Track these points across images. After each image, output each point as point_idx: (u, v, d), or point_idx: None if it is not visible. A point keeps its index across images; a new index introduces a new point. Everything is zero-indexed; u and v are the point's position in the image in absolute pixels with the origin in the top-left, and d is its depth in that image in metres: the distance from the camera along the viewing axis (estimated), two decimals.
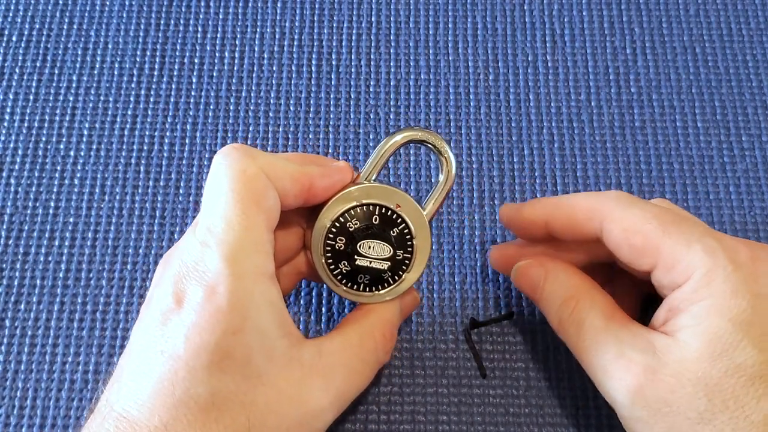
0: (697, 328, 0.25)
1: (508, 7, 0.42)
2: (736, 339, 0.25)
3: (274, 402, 0.25)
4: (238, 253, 0.25)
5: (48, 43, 0.41)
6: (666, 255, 0.27)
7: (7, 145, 0.38)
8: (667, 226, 0.27)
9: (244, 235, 0.25)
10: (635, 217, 0.27)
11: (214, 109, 0.39)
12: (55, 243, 0.36)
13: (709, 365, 0.25)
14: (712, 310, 0.25)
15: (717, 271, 0.26)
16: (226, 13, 0.42)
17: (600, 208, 0.29)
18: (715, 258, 0.26)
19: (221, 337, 0.24)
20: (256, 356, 0.25)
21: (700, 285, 0.26)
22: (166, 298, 0.25)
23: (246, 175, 0.26)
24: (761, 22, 0.42)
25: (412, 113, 0.39)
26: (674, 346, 0.26)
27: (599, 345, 0.27)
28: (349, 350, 0.28)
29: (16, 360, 0.34)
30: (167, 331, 0.25)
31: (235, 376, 0.25)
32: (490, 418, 0.33)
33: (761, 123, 0.39)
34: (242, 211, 0.26)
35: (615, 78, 0.40)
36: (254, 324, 0.25)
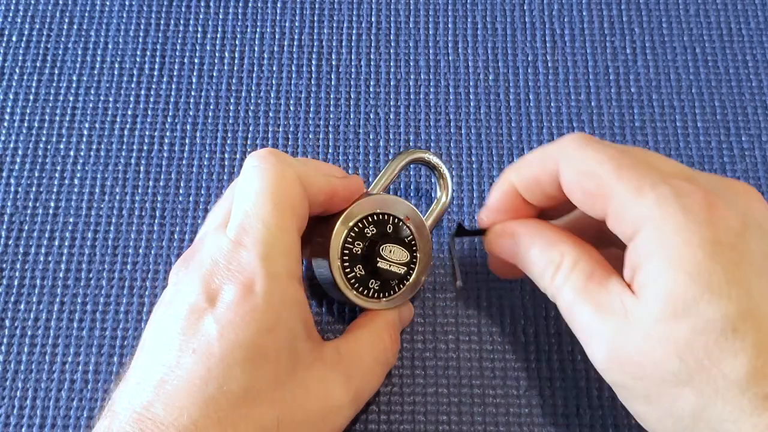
0: (654, 287, 0.24)
1: (508, 7, 0.42)
2: (698, 292, 0.23)
3: (302, 398, 0.26)
4: (274, 254, 0.26)
5: (48, 43, 0.41)
6: (617, 203, 0.25)
7: (7, 145, 0.38)
8: (621, 170, 0.25)
9: (279, 236, 0.26)
10: (590, 160, 0.26)
11: (214, 109, 0.39)
12: (55, 243, 0.36)
13: (676, 324, 0.23)
14: (666, 265, 0.23)
15: (667, 222, 0.24)
16: (226, 13, 0.42)
17: (555, 153, 0.27)
18: (665, 207, 0.24)
19: (256, 335, 0.25)
20: (286, 355, 0.26)
21: (650, 238, 0.24)
22: (196, 296, 0.26)
23: (285, 180, 0.27)
24: (761, 22, 0.42)
25: (412, 113, 0.39)
26: (640, 306, 0.24)
27: (579, 308, 0.26)
28: (363, 350, 0.30)
29: (16, 360, 0.34)
30: (200, 329, 0.25)
31: (267, 373, 0.25)
32: (490, 418, 0.33)
33: (761, 123, 0.39)
34: (279, 215, 0.27)
35: (615, 78, 0.40)
36: (286, 324, 0.26)
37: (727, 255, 0.23)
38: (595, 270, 0.26)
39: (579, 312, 0.26)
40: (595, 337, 0.25)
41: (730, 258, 0.23)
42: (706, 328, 0.23)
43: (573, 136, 0.27)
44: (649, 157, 0.27)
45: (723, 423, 0.23)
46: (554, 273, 0.27)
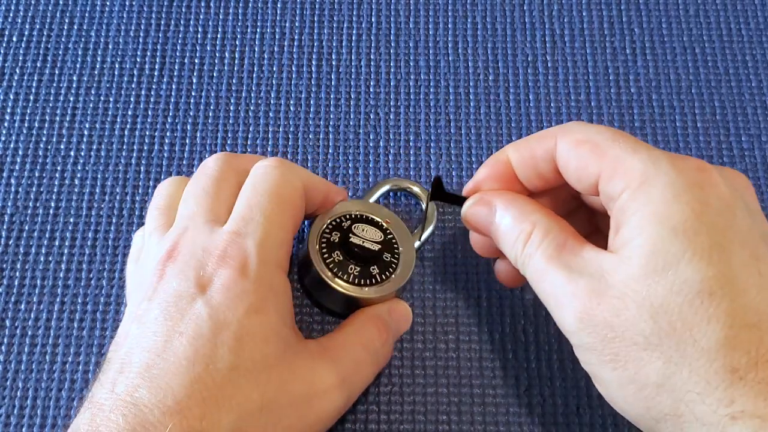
0: (637, 240, 0.23)
1: (508, 8, 0.42)
2: (680, 250, 0.22)
3: (287, 381, 0.26)
4: (268, 243, 0.28)
5: (48, 44, 0.41)
6: (610, 160, 0.25)
7: (8, 146, 0.38)
8: (618, 137, 0.25)
9: (276, 230, 0.28)
10: (589, 131, 0.26)
11: (214, 110, 0.39)
12: (55, 243, 0.36)
13: (653, 282, 0.22)
14: (652, 218, 0.23)
15: (658, 176, 0.23)
16: (227, 14, 0.42)
17: (555, 130, 0.27)
18: (659, 164, 0.24)
19: (244, 316, 0.26)
20: (273, 338, 0.26)
21: (640, 192, 0.24)
22: (186, 285, 0.26)
23: (291, 186, 0.30)
24: (761, 23, 0.42)
25: (412, 113, 0.39)
26: (619, 264, 0.23)
27: (550, 274, 0.25)
28: (350, 340, 0.30)
29: (16, 360, 0.34)
30: (188, 313, 0.26)
31: (254, 354, 0.25)
32: (490, 417, 0.33)
33: (761, 123, 0.39)
34: (279, 212, 0.29)
35: (615, 78, 0.40)
36: (274, 308, 0.27)
37: (714, 218, 0.23)
38: (568, 239, 0.26)
39: (550, 277, 0.25)
40: (567, 299, 0.25)
41: (716, 222, 0.23)
42: (683, 289, 0.22)
43: (571, 122, 0.28)
44: None
45: (687, 393, 0.22)
46: (525, 241, 0.27)
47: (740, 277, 0.22)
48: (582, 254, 0.25)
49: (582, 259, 0.25)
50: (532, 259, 0.26)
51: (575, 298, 0.24)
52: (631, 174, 0.24)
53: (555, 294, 0.25)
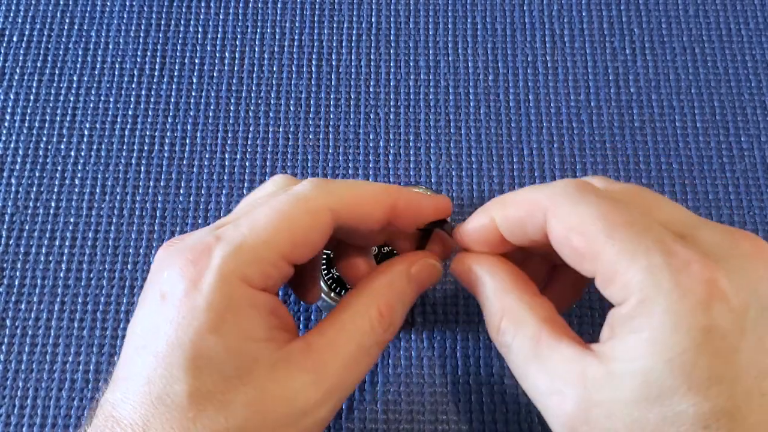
0: (632, 365, 0.22)
1: (507, 8, 0.42)
2: (675, 384, 0.21)
3: (257, 401, 0.24)
4: (238, 257, 0.25)
5: (49, 44, 0.41)
6: (606, 265, 0.23)
7: (8, 146, 0.39)
8: (613, 230, 0.23)
9: (258, 246, 0.25)
10: (581, 216, 0.24)
11: (214, 110, 0.40)
12: (55, 243, 0.36)
13: (646, 409, 0.22)
14: (649, 348, 0.22)
15: (658, 299, 0.22)
16: (227, 14, 0.42)
17: (545, 202, 0.25)
18: (658, 281, 0.22)
19: (196, 336, 0.24)
20: (235, 357, 0.24)
21: (637, 312, 0.22)
22: (153, 291, 0.25)
23: (304, 207, 0.26)
24: (760, 23, 0.42)
25: (412, 113, 0.39)
26: (608, 380, 0.22)
27: (530, 377, 0.24)
28: (342, 338, 0.26)
29: (16, 360, 0.34)
30: (150, 327, 0.25)
31: (212, 375, 0.24)
32: (490, 417, 0.33)
33: (760, 123, 0.39)
34: (274, 229, 0.25)
35: (614, 78, 0.40)
36: (233, 326, 0.24)
37: (717, 346, 0.21)
38: (542, 330, 0.25)
39: (531, 379, 0.24)
40: (552, 409, 0.24)
41: (719, 350, 0.21)
42: (677, 420, 0.21)
43: (565, 184, 0.25)
44: (651, 204, 0.25)
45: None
46: (497, 329, 0.26)
47: (740, 405, 0.21)
48: (560, 351, 0.24)
49: (562, 359, 0.24)
50: (510, 353, 0.25)
51: (562, 411, 0.23)
52: (628, 289, 0.22)
53: (538, 398, 0.24)
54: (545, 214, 0.25)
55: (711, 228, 0.24)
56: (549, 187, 0.26)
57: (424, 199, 0.28)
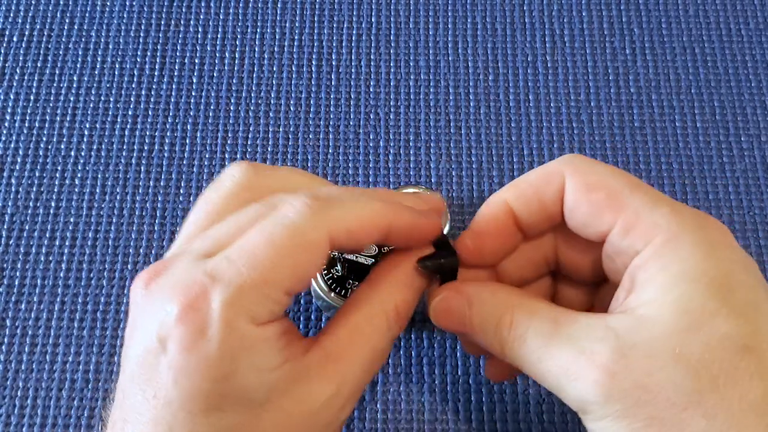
0: (666, 298, 0.22)
1: (507, 8, 0.42)
2: (716, 306, 0.21)
3: (283, 424, 0.24)
4: (240, 301, 0.23)
5: (49, 44, 0.41)
6: (629, 212, 0.23)
7: (8, 146, 0.39)
8: (633, 186, 0.24)
9: (260, 287, 0.23)
10: (600, 174, 0.25)
11: (214, 109, 0.40)
12: (55, 243, 0.36)
13: (688, 338, 0.21)
14: (683, 276, 0.22)
15: (685, 234, 0.23)
16: (227, 14, 0.42)
17: (561, 167, 0.26)
18: (683, 219, 0.23)
19: (213, 384, 0.23)
20: (254, 391, 0.23)
21: (665, 248, 0.23)
22: (149, 335, 0.24)
23: (304, 238, 0.24)
24: (760, 23, 0.42)
25: (412, 113, 0.39)
26: (641, 323, 0.22)
27: (553, 351, 0.24)
28: (359, 342, 0.25)
29: (16, 360, 0.34)
30: (155, 375, 0.23)
31: (236, 412, 0.23)
32: (490, 417, 0.33)
33: (760, 123, 0.39)
34: (275, 267, 0.24)
35: (614, 78, 0.40)
36: (248, 364, 0.23)
37: (743, 276, 0.22)
38: (558, 312, 0.24)
39: (554, 354, 0.24)
40: (582, 370, 0.23)
41: (746, 280, 0.22)
42: (721, 345, 0.21)
43: (574, 155, 0.26)
44: None
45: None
46: (509, 325, 0.25)
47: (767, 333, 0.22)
48: (583, 321, 0.24)
49: (587, 326, 0.23)
50: (525, 342, 0.24)
51: (593, 367, 0.22)
52: (654, 231, 0.23)
53: (564, 369, 0.23)
54: (563, 177, 0.25)
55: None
56: (558, 159, 0.26)
57: (418, 220, 0.27)
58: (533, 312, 0.25)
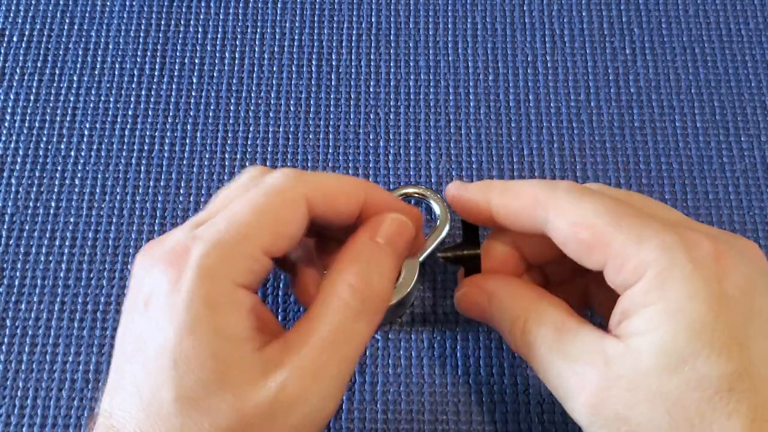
0: (650, 336, 0.22)
1: (507, 8, 0.42)
2: (697, 348, 0.22)
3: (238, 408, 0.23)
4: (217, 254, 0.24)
5: (49, 44, 0.41)
6: (616, 251, 0.24)
7: (8, 146, 0.39)
8: (620, 220, 0.24)
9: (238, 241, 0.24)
10: (585, 210, 0.24)
11: (214, 109, 0.40)
12: (55, 243, 0.36)
13: (668, 377, 0.22)
14: (667, 315, 0.22)
15: (673, 271, 0.23)
16: (227, 14, 0.42)
17: (548, 198, 0.25)
18: (672, 255, 0.23)
19: (176, 339, 0.23)
20: (213, 359, 0.23)
21: (652, 285, 0.23)
22: (136, 298, 0.25)
23: (282, 196, 0.25)
24: (761, 23, 0.42)
25: (412, 113, 0.39)
26: (627, 355, 0.23)
27: (552, 363, 0.25)
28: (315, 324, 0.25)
29: (16, 360, 0.34)
30: (137, 334, 0.24)
31: (193, 380, 0.23)
32: (490, 417, 0.33)
33: (760, 123, 0.39)
34: (253, 223, 0.25)
35: (614, 78, 0.40)
36: (210, 325, 0.24)
37: (732, 312, 0.22)
38: (564, 320, 0.25)
39: (555, 368, 0.25)
40: (575, 390, 0.24)
41: (735, 316, 0.22)
42: (701, 385, 0.22)
43: (567, 184, 0.26)
44: (648, 204, 0.26)
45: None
46: (522, 329, 0.26)
47: (761, 369, 0.22)
48: (582, 337, 0.25)
49: (583, 344, 0.24)
50: (533, 350, 0.26)
51: (584, 390, 0.24)
52: (641, 269, 0.23)
53: (562, 385, 0.25)
54: (547, 211, 0.25)
55: (707, 227, 0.25)
56: (549, 185, 0.26)
57: (395, 202, 0.28)
58: (543, 320, 0.26)
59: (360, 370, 0.34)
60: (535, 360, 0.26)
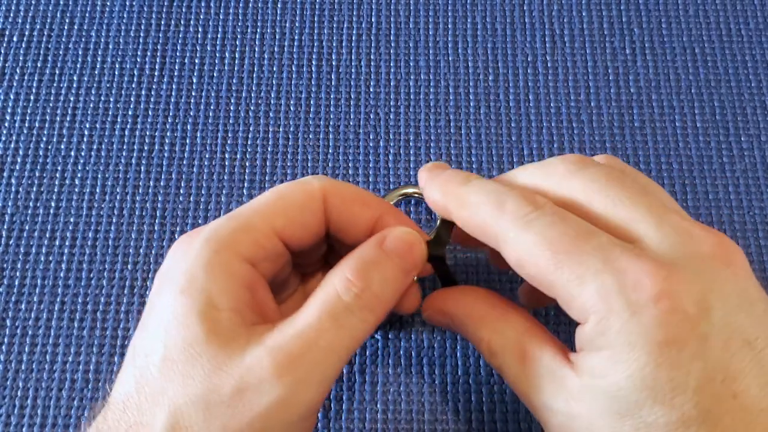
0: (600, 381, 0.22)
1: (508, 8, 0.42)
2: (641, 398, 0.22)
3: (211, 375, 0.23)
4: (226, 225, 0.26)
5: (49, 44, 0.41)
6: (560, 293, 0.23)
7: (8, 146, 0.39)
8: (560, 257, 0.23)
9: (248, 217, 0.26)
10: (528, 244, 0.24)
11: (214, 109, 0.40)
12: (55, 243, 0.36)
13: (618, 422, 0.22)
14: (610, 365, 0.22)
15: (611, 319, 0.22)
16: (227, 14, 0.42)
17: (495, 225, 0.25)
18: (608, 302, 0.22)
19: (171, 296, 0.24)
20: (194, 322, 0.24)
21: (596, 333, 0.22)
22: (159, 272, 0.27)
23: (299, 185, 0.27)
24: (761, 23, 0.42)
25: (412, 113, 0.39)
26: (583, 394, 0.23)
27: (521, 391, 0.25)
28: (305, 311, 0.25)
29: (16, 360, 0.34)
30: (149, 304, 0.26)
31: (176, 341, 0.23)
32: (490, 417, 0.33)
33: (760, 123, 0.39)
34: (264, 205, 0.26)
35: (614, 78, 0.40)
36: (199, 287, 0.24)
37: (675, 357, 0.21)
38: (526, 346, 0.25)
39: (526, 394, 0.25)
40: (546, 422, 0.25)
41: (679, 360, 0.21)
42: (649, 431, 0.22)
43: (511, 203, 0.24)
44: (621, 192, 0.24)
45: None
46: (488, 354, 0.26)
47: (711, 409, 0.21)
48: (543, 364, 0.25)
49: (545, 373, 0.24)
50: (502, 372, 0.26)
51: (550, 426, 0.24)
52: (585, 313, 0.23)
53: (534, 411, 0.25)
54: (496, 239, 0.25)
55: (673, 225, 0.24)
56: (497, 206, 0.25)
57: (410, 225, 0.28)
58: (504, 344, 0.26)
59: (360, 370, 0.34)
60: (508, 382, 0.26)
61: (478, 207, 0.25)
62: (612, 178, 0.25)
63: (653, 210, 0.24)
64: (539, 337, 0.25)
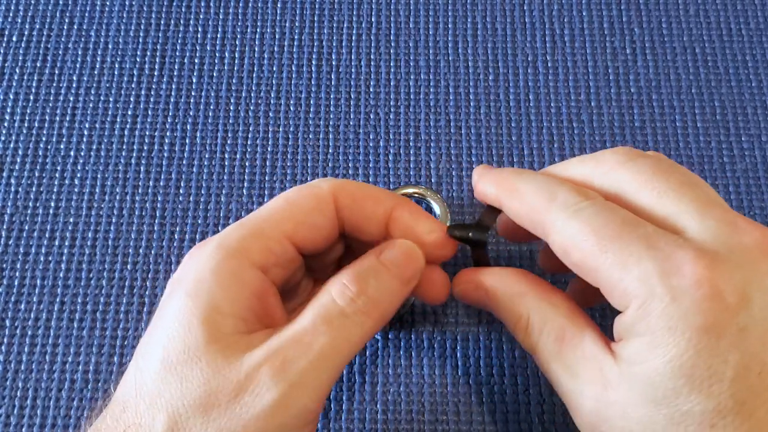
0: (638, 368, 0.23)
1: (508, 7, 0.42)
2: (678, 385, 0.22)
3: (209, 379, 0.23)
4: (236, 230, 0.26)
5: (48, 44, 0.41)
6: (604, 278, 0.23)
7: (8, 145, 0.39)
8: (605, 243, 0.23)
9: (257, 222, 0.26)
10: (574, 230, 0.24)
11: (214, 109, 0.40)
12: (55, 243, 0.36)
13: (655, 410, 0.22)
14: (649, 351, 0.22)
15: (652, 304, 0.22)
16: (227, 14, 0.42)
17: (545, 211, 0.25)
18: (650, 287, 0.22)
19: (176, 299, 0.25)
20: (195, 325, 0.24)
21: (637, 318, 0.23)
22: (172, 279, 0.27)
23: (309, 189, 0.27)
24: (761, 22, 0.42)
25: (412, 113, 0.39)
26: (621, 382, 0.23)
27: (554, 372, 0.25)
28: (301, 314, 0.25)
29: (16, 360, 0.34)
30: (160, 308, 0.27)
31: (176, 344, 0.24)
32: (490, 417, 0.33)
33: (761, 123, 0.39)
34: (274, 209, 0.27)
35: (615, 78, 0.40)
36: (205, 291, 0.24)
37: (714, 345, 0.21)
38: (566, 328, 0.25)
39: (556, 377, 0.25)
40: (575, 406, 0.25)
41: (717, 348, 0.22)
42: (684, 421, 0.22)
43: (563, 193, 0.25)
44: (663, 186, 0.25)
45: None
46: (525, 330, 0.26)
47: (745, 401, 0.21)
48: (582, 352, 0.25)
49: (583, 360, 0.24)
50: (536, 352, 0.26)
51: (582, 408, 0.24)
52: (626, 299, 0.23)
53: (564, 395, 0.25)
54: (544, 226, 0.25)
55: (716, 217, 0.24)
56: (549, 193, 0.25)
57: (424, 214, 0.28)
58: (544, 324, 0.26)
59: (360, 370, 0.34)
60: (539, 362, 0.26)
61: (530, 196, 0.26)
62: (659, 171, 0.25)
63: (698, 202, 0.24)
64: (581, 321, 0.25)
